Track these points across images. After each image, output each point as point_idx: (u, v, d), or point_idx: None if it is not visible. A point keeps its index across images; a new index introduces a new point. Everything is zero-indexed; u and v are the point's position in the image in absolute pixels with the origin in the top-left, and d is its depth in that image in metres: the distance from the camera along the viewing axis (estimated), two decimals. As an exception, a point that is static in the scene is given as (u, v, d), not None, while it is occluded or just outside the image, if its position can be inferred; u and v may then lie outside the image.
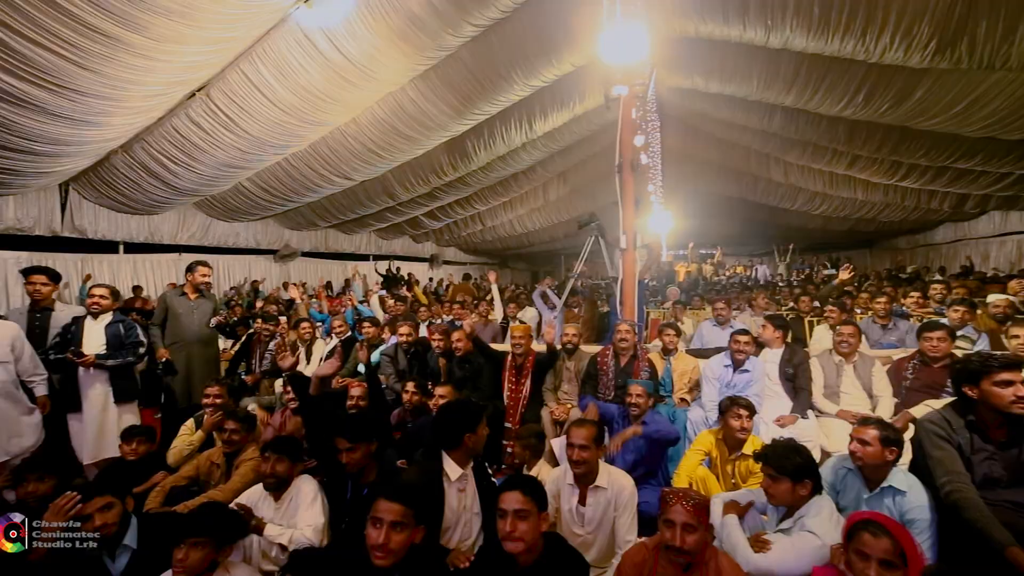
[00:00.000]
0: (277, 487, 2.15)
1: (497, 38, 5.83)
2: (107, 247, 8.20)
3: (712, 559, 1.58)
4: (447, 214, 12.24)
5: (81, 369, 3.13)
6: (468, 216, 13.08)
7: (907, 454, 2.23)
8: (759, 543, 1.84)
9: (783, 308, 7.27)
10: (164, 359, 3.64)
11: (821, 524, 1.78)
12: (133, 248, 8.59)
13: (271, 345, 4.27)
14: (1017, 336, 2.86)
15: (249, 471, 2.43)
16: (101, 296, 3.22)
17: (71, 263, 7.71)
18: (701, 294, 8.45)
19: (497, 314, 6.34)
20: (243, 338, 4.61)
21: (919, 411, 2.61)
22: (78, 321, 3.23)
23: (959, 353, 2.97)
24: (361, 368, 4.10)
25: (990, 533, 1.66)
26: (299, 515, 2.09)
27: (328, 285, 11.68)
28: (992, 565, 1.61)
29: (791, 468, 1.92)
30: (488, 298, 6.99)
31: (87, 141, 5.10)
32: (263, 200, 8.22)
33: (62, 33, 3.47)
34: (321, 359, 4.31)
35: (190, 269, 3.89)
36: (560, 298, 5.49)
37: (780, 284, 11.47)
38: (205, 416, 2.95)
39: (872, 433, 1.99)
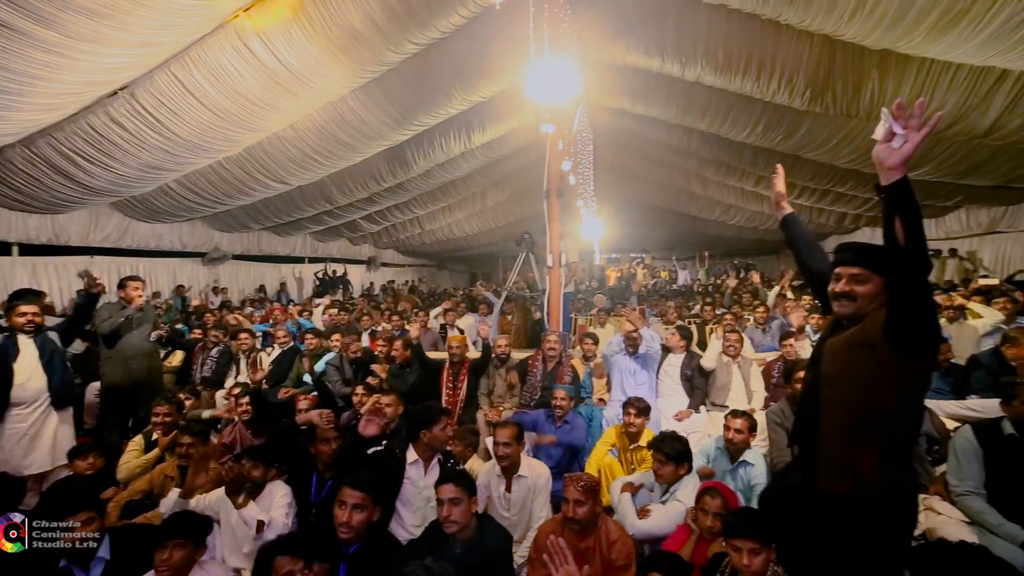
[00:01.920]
0: (252, 490, 2.38)
1: (438, 55, 6.04)
2: (-4, 248, 7.22)
3: (603, 524, 2.06)
4: (385, 217, 12.23)
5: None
6: (407, 220, 13.13)
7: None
8: (643, 512, 2.37)
9: (691, 313, 8.20)
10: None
11: (687, 494, 2.35)
12: (31, 250, 7.67)
13: (213, 352, 4.27)
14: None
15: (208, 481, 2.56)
16: (34, 314, 3.13)
17: (-52, 267, 6.88)
18: (623, 302, 9.25)
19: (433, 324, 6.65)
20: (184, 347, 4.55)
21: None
22: (8, 339, 3.09)
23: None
24: (307, 378, 4.27)
25: None
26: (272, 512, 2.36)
27: (261, 288, 11.30)
28: None
29: (674, 454, 2.46)
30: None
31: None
32: (191, 202, 7.81)
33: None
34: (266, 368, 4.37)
35: (121, 286, 3.83)
36: (499, 299, 6.00)
37: (697, 290, 12.70)
38: (156, 434, 3.01)
39: (744, 422, 2.63)
